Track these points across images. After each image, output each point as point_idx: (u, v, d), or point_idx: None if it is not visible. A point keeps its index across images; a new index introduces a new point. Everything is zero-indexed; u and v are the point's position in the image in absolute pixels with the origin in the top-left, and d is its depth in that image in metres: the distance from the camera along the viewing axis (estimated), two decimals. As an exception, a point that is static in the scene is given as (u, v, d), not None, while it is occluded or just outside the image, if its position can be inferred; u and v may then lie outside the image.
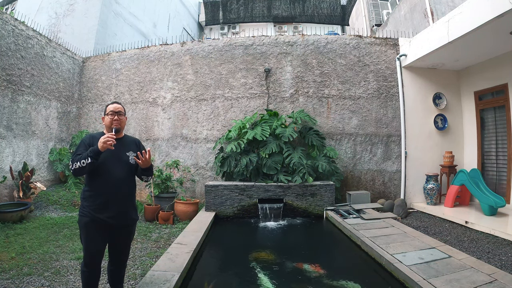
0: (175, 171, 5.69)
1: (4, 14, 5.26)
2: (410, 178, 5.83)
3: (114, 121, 2.16)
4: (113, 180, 2.07)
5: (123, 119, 2.24)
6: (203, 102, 6.50)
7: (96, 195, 2.05)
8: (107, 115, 2.18)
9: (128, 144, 2.24)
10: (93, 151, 1.94)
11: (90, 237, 2.03)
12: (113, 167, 2.09)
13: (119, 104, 2.24)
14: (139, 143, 2.35)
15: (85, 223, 2.02)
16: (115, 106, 2.21)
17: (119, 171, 2.11)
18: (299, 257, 3.51)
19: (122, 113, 2.22)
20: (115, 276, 2.29)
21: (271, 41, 6.44)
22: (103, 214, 2.03)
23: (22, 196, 5.02)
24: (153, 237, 4.09)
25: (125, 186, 2.16)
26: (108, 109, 2.20)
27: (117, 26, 8.93)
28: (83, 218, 2.03)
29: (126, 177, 2.16)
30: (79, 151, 2.03)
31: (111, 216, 2.05)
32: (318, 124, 6.14)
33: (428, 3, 8.29)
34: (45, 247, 3.52)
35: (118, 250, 2.22)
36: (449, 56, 5.31)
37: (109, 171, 2.06)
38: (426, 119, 5.98)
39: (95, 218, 2.01)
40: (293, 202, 5.23)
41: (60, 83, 6.59)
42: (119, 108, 2.21)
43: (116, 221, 2.08)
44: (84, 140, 2.11)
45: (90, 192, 2.06)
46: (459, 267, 2.81)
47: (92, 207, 2.02)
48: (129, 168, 2.19)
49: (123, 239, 2.22)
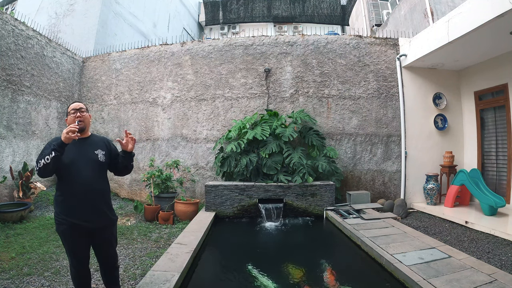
0: (175, 171, 5.70)
1: (4, 14, 5.26)
2: (410, 178, 5.83)
3: (77, 118, 2.06)
4: (83, 180, 1.97)
5: (86, 115, 2.14)
6: (203, 102, 6.50)
7: (67, 198, 1.96)
8: (68, 114, 2.10)
9: (96, 143, 2.14)
10: (57, 143, 1.81)
11: (71, 244, 1.97)
12: (81, 167, 1.99)
13: (80, 103, 2.16)
14: (108, 142, 2.25)
15: (62, 231, 1.95)
16: (76, 104, 2.13)
17: (88, 171, 2.01)
18: (299, 257, 3.51)
19: (83, 109, 2.12)
20: (109, 279, 2.24)
21: (271, 41, 6.44)
22: (78, 218, 1.94)
23: (22, 196, 5.02)
24: (153, 237, 4.10)
25: (96, 185, 2.04)
26: (69, 108, 2.12)
27: (117, 26, 8.93)
28: (60, 226, 1.95)
29: (96, 176, 2.05)
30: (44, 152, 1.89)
31: (86, 219, 1.96)
32: (318, 124, 6.14)
33: (428, 3, 8.30)
34: (45, 247, 3.52)
35: (104, 255, 2.16)
36: (449, 56, 5.31)
37: (77, 172, 1.97)
38: (426, 119, 5.98)
39: (70, 223, 1.92)
40: (293, 202, 5.23)
41: (60, 83, 6.59)
42: (79, 105, 2.12)
43: (93, 224, 2.00)
44: (50, 142, 1.96)
45: (61, 196, 1.97)
46: (459, 267, 2.81)
47: (66, 212, 1.94)
48: (99, 166, 2.08)
49: (105, 242, 2.13)
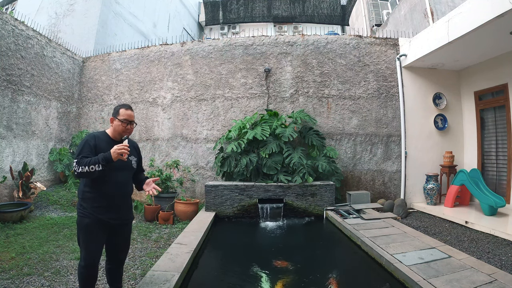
0: (175, 171, 5.70)
1: (4, 14, 5.26)
2: (410, 178, 5.83)
3: (127, 129, 2.14)
4: (118, 183, 2.11)
5: (133, 128, 2.24)
6: (203, 102, 6.50)
7: (99, 197, 2.05)
8: (120, 120, 2.12)
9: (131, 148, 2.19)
10: (106, 159, 1.90)
11: (91, 238, 2.03)
12: (118, 171, 2.10)
13: (132, 111, 2.20)
14: (138, 148, 2.41)
15: (86, 224, 2.02)
16: (131, 114, 2.16)
17: (123, 175, 2.16)
18: (299, 257, 3.51)
19: (134, 123, 2.21)
20: (114, 275, 2.29)
21: (271, 41, 6.44)
22: (106, 215, 2.05)
23: (22, 196, 5.02)
24: (153, 237, 4.10)
25: (127, 188, 2.22)
26: (122, 114, 2.13)
27: (117, 26, 8.93)
28: (84, 219, 2.02)
29: (128, 180, 2.23)
30: (85, 153, 1.97)
31: (113, 218, 2.09)
32: (318, 124, 6.14)
33: (428, 3, 8.30)
34: (45, 247, 3.52)
35: (117, 249, 2.25)
36: (449, 56, 5.31)
37: (114, 175, 2.07)
38: (426, 119, 5.98)
39: (96, 219, 2.02)
40: (293, 202, 5.23)
41: (60, 83, 6.59)
42: (133, 117, 2.19)
43: (116, 221, 2.12)
44: (89, 141, 2.04)
45: (92, 193, 2.05)
46: (459, 267, 2.81)
47: (94, 208, 2.03)
48: (131, 171, 2.26)
49: (123, 238, 2.25)
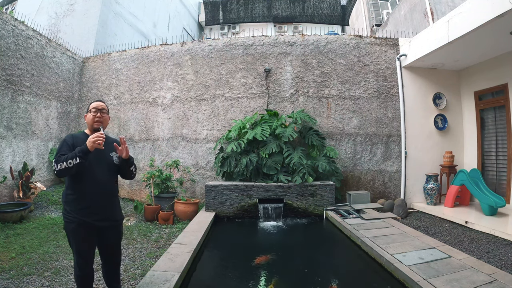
0: (175, 171, 5.69)
1: (4, 14, 5.26)
2: (410, 178, 5.83)
3: (96, 118, 2.09)
4: (98, 182, 2.01)
5: (106, 117, 2.16)
6: (203, 102, 6.50)
7: (80, 198, 1.98)
8: (89, 112, 2.12)
9: (111, 144, 2.15)
10: (82, 150, 1.85)
11: (80, 242, 1.98)
12: (97, 168, 2.02)
13: (103, 102, 2.19)
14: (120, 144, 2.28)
15: (72, 228, 1.96)
16: (98, 103, 2.15)
17: (103, 173, 2.06)
18: (299, 257, 3.51)
19: (105, 111, 2.15)
20: (111, 276, 2.25)
21: (271, 41, 6.44)
22: (90, 217, 1.98)
23: (22, 196, 5.02)
24: (153, 237, 4.10)
25: (110, 187, 2.12)
26: (91, 106, 2.13)
27: (117, 26, 8.93)
28: (70, 224, 1.97)
29: (110, 178, 2.12)
30: (63, 151, 1.92)
31: (97, 219, 2.01)
32: (318, 124, 6.14)
33: (428, 3, 8.30)
34: (45, 247, 3.52)
35: (109, 252, 2.19)
36: (449, 56, 5.31)
37: (93, 173, 1.99)
38: (426, 119, 5.98)
39: (81, 221, 1.95)
40: (293, 202, 5.23)
41: (60, 83, 6.59)
42: (102, 106, 2.14)
43: (103, 223, 2.05)
44: (67, 140, 2.01)
45: (74, 195, 1.99)
46: (459, 267, 2.81)
47: (78, 211, 1.96)
48: (114, 168, 2.15)
49: (112, 240, 2.18)
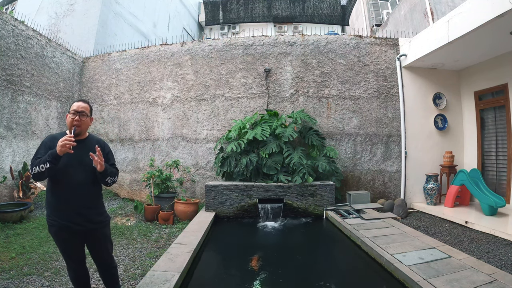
0: (175, 171, 5.69)
1: (4, 14, 5.26)
2: (410, 178, 5.83)
3: (75, 122, 1.95)
4: (73, 184, 1.93)
5: (86, 120, 2.02)
6: (203, 102, 6.49)
7: (58, 201, 1.93)
8: (69, 113, 1.99)
9: (92, 145, 1.98)
10: (52, 155, 1.78)
11: (63, 245, 1.95)
12: (74, 171, 1.93)
13: (85, 103, 2.03)
14: (103, 144, 2.15)
15: (54, 232, 1.93)
16: (79, 104, 2.00)
17: (80, 175, 1.95)
18: (299, 257, 3.51)
19: (84, 114, 2.00)
20: (108, 277, 2.22)
21: (271, 41, 6.44)
22: (67, 221, 1.91)
23: (22, 196, 5.02)
24: (153, 237, 4.10)
25: (85, 189, 1.99)
26: (71, 107, 2.00)
27: (117, 26, 8.93)
28: (51, 227, 1.93)
29: (87, 180, 1.99)
30: (39, 154, 1.86)
31: (75, 223, 1.92)
32: (318, 124, 6.14)
33: (428, 3, 8.30)
34: (45, 247, 3.52)
35: (98, 256, 2.14)
36: (449, 56, 5.31)
37: (69, 175, 1.92)
38: (426, 119, 5.98)
39: (61, 225, 1.90)
40: (293, 202, 5.23)
41: (60, 83, 6.59)
42: (82, 108, 1.99)
43: (81, 226, 1.95)
44: (45, 141, 1.93)
45: (52, 198, 1.94)
46: (459, 267, 2.81)
47: (56, 214, 1.92)
48: (93, 171, 1.99)
49: (97, 243, 2.09)
